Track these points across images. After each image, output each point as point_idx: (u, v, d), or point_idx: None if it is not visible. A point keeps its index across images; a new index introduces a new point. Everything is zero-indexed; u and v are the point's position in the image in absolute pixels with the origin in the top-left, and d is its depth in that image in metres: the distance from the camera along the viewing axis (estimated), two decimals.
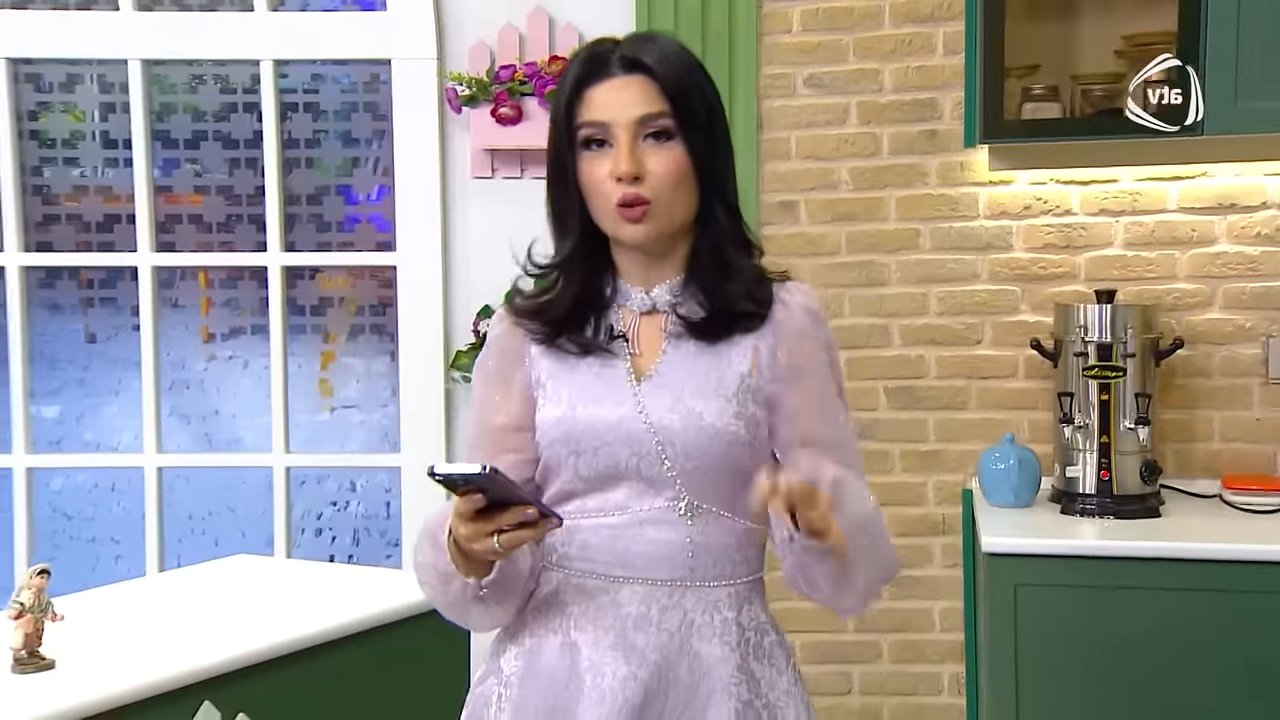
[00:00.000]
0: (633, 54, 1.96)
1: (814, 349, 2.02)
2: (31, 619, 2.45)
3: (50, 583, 2.53)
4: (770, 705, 1.98)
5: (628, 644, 1.95)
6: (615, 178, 1.93)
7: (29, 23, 4.08)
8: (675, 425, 1.95)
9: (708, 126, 1.97)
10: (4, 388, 4.19)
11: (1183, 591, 3.12)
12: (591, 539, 1.99)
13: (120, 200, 4.16)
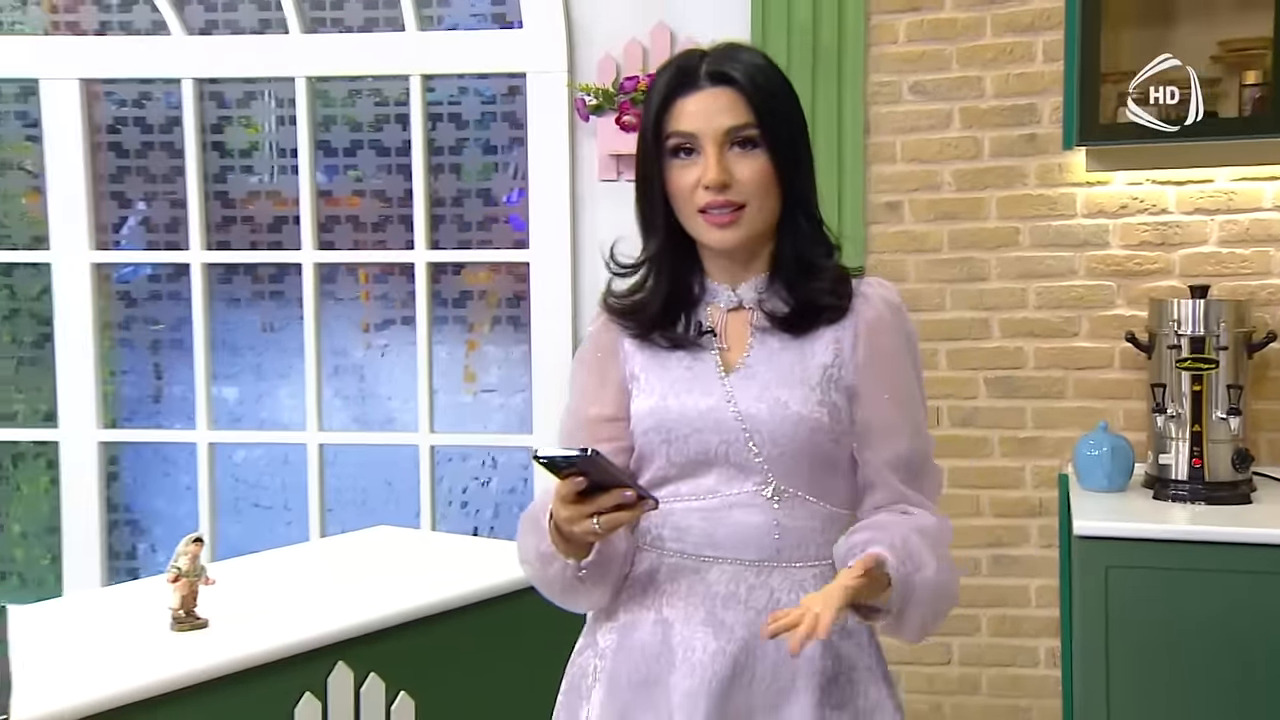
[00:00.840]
0: (719, 67, 1.90)
1: (893, 340, 1.95)
2: (187, 582, 2.50)
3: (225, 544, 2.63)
4: (853, 681, 1.93)
5: (717, 620, 1.91)
6: (704, 186, 1.88)
7: (212, 46, 4.15)
8: (762, 413, 1.91)
9: (790, 136, 1.92)
10: (189, 371, 4.24)
11: (1272, 575, 2.98)
12: (683, 521, 1.95)
13: (288, 204, 4.22)
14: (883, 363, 1.93)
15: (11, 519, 4.49)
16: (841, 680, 1.92)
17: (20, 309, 4.39)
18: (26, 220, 4.36)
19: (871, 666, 1.95)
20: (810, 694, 1.89)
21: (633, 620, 1.98)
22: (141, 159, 4.27)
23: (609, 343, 2.04)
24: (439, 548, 3.31)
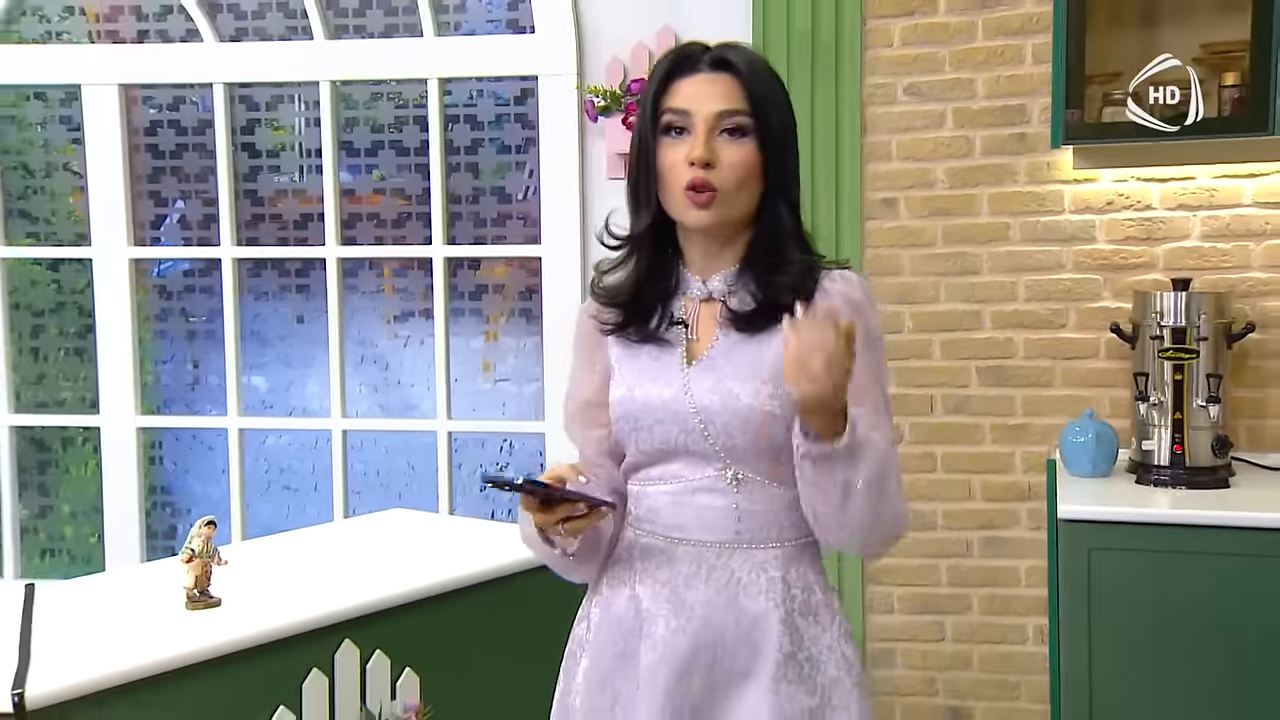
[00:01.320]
0: (723, 55, 1.91)
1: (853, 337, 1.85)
2: (200, 563, 2.51)
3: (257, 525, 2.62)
4: (813, 658, 1.91)
5: (679, 599, 1.93)
6: (689, 162, 1.87)
7: (242, 53, 4.15)
8: (715, 405, 1.90)
9: (779, 132, 1.91)
10: (222, 361, 4.24)
11: (1250, 558, 2.98)
12: (654, 504, 1.97)
13: (313, 201, 4.22)
14: None
15: (61, 499, 4.50)
16: (800, 658, 1.90)
17: (66, 302, 4.40)
18: (72, 219, 4.37)
19: (833, 645, 1.93)
20: (769, 671, 1.88)
21: (612, 595, 1.99)
22: (176, 160, 4.28)
23: (593, 332, 2.04)
24: (451, 530, 3.29)
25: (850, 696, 1.91)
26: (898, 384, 3.66)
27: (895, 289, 3.66)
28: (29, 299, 4.42)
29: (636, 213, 1.97)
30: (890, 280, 3.66)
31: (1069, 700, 3.08)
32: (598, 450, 2.03)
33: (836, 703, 1.91)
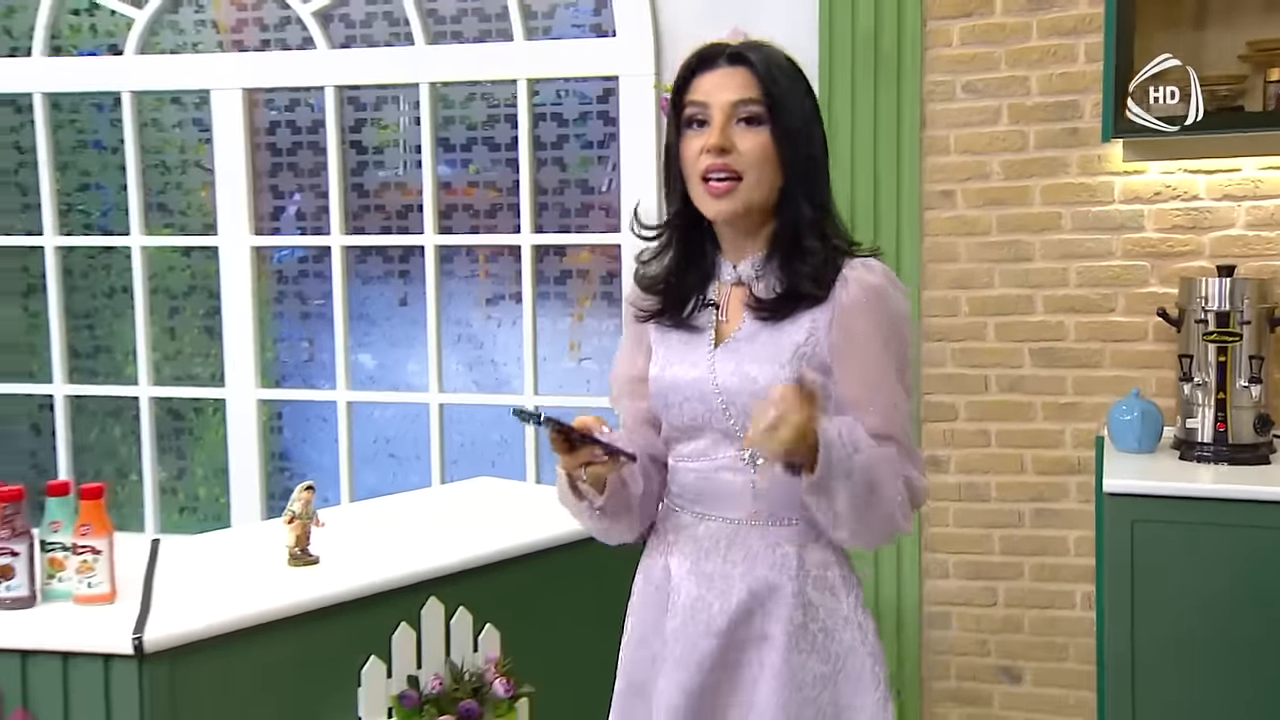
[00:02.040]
0: (738, 51, 1.89)
1: (866, 322, 1.87)
2: (300, 524, 2.57)
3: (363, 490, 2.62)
4: (827, 629, 1.91)
5: (700, 570, 1.93)
6: (705, 150, 1.84)
7: (351, 59, 4.17)
8: (734, 386, 1.88)
9: (797, 123, 1.87)
10: (331, 340, 4.28)
11: None
12: (684, 480, 1.97)
13: (413, 194, 4.24)
14: (853, 344, 1.86)
15: (194, 463, 4.60)
16: (813, 629, 1.89)
17: (197, 286, 4.48)
18: (201, 211, 4.43)
19: (849, 616, 1.92)
20: (782, 640, 1.88)
21: (650, 564, 2.01)
22: (292, 157, 4.33)
23: (634, 319, 2.05)
24: (534, 497, 3.29)
25: (864, 664, 1.91)
26: (956, 364, 3.65)
27: (952, 275, 3.63)
28: (166, 283, 4.50)
29: (669, 203, 1.97)
30: (948, 267, 3.63)
31: (1113, 661, 3.05)
32: (640, 421, 2.02)
33: (850, 670, 1.90)
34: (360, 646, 2.40)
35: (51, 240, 4.46)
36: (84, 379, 4.56)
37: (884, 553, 3.70)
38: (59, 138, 4.47)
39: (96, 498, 2.30)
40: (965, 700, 3.73)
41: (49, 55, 4.38)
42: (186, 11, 4.33)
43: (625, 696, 2.00)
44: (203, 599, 2.35)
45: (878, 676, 1.91)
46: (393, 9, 4.13)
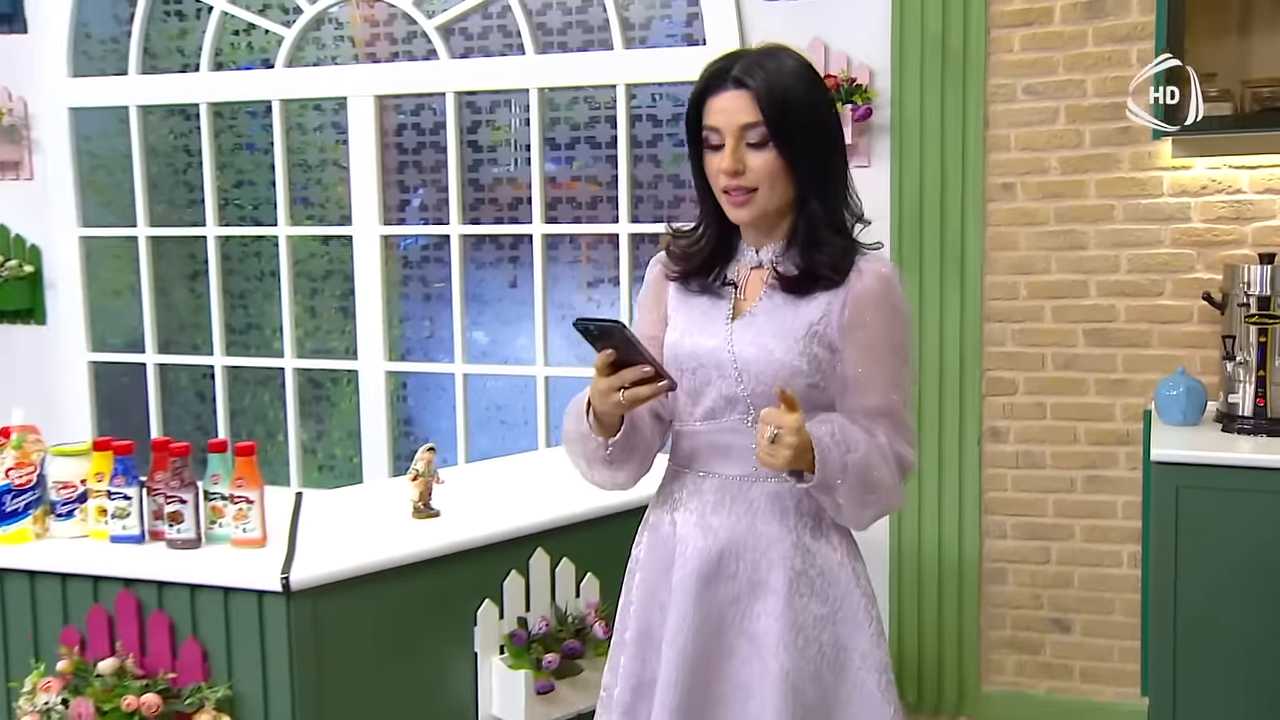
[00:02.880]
0: (742, 74, 1.85)
1: (875, 310, 1.88)
2: (423, 481, 2.60)
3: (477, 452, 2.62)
4: (824, 573, 1.92)
5: (705, 524, 1.94)
6: (723, 171, 1.86)
7: (469, 67, 4.20)
8: (751, 355, 1.88)
9: (803, 136, 1.86)
10: (449, 318, 4.33)
11: None
12: (691, 441, 1.97)
13: (523, 188, 4.24)
14: (862, 328, 1.87)
15: (331, 426, 4.65)
16: (812, 574, 1.90)
17: (334, 270, 4.53)
18: (338, 204, 4.48)
19: (843, 562, 1.93)
20: (784, 585, 1.89)
21: (657, 521, 2.02)
22: (416, 155, 4.35)
23: (658, 279, 2.04)
24: None
25: (859, 605, 1.92)
26: (1015, 343, 3.63)
27: (1012, 261, 3.60)
28: (307, 268, 4.56)
29: (700, 203, 1.98)
30: (1008, 254, 3.60)
31: (1157, 616, 3.04)
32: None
33: (847, 610, 1.92)
34: (476, 591, 2.44)
35: (212, 231, 4.56)
36: (238, 352, 4.63)
37: (947, 515, 3.69)
38: (220, 142, 4.55)
39: (249, 455, 2.34)
40: (1020, 648, 3.72)
41: (212, 70, 4.47)
42: (327, 29, 4.39)
43: (637, 643, 1.99)
44: (340, 545, 2.39)
45: (871, 615, 1.93)
46: (506, 23, 4.14)
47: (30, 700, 2.23)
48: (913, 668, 3.79)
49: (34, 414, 2.55)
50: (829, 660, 1.90)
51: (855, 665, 1.91)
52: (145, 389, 4.73)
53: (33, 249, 4.71)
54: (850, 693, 1.91)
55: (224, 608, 2.23)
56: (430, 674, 2.40)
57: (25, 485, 2.39)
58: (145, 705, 2.17)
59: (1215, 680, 2.99)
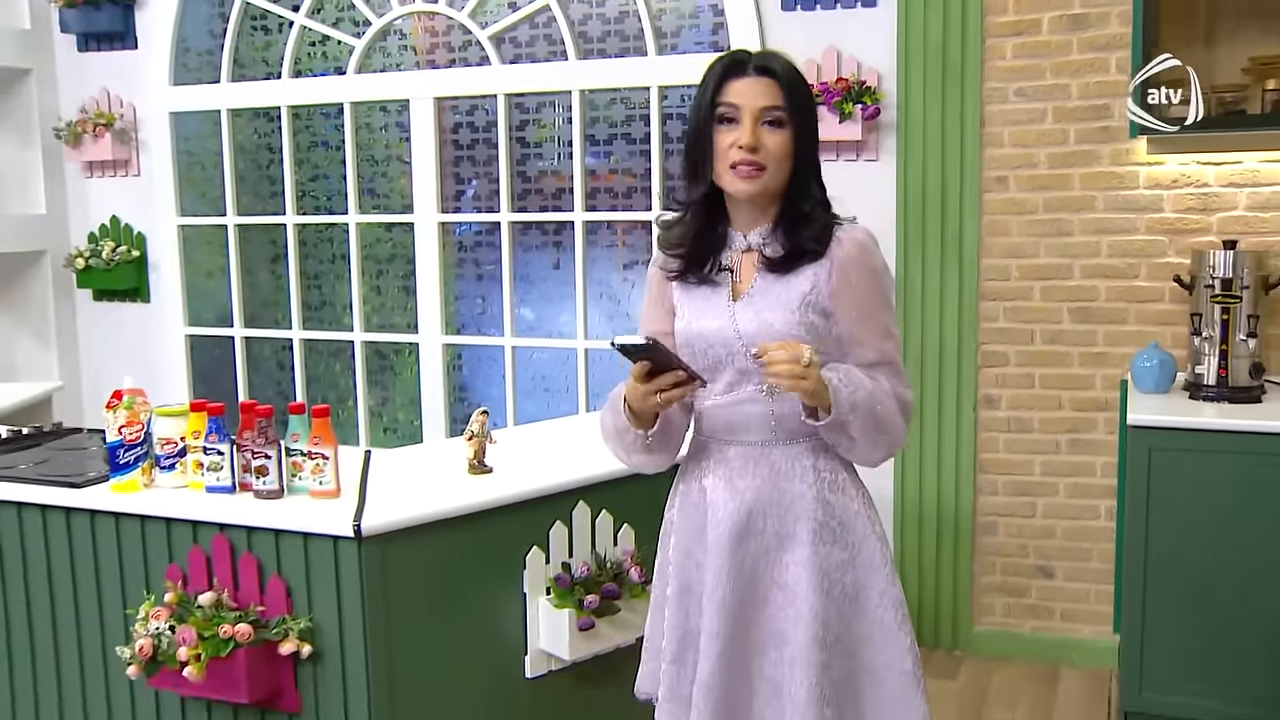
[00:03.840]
0: (765, 63, 1.87)
1: (859, 272, 1.88)
2: (477, 441, 2.56)
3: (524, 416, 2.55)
4: (844, 522, 1.93)
5: (733, 486, 1.94)
6: (739, 146, 1.84)
7: (518, 72, 4.20)
8: (754, 331, 1.88)
9: (809, 123, 1.89)
10: (499, 296, 4.34)
11: (1276, 457, 2.91)
12: (713, 414, 1.96)
13: (565, 179, 4.24)
14: (849, 290, 1.87)
15: (395, 393, 4.66)
16: (833, 524, 1.91)
17: (397, 254, 4.53)
18: (401, 194, 4.48)
19: (860, 511, 1.94)
20: (808, 536, 1.90)
21: (688, 488, 2.01)
22: (471, 150, 4.35)
23: (659, 280, 2.01)
24: None
25: (875, 548, 1.93)
26: (1006, 320, 3.62)
27: (1005, 246, 3.60)
28: (374, 252, 4.55)
29: (693, 183, 1.92)
30: (1001, 239, 3.61)
31: (1129, 563, 3.06)
32: None
33: (864, 554, 1.93)
34: (524, 539, 2.42)
35: (291, 219, 4.60)
36: (313, 326, 4.67)
37: (945, 473, 3.71)
38: (298, 140, 4.59)
39: (324, 416, 2.32)
40: (1008, 592, 3.74)
41: (292, 77, 4.51)
42: (392, 40, 4.40)
43: (678, 597, 1.98)
44: (404, 497, 2.37)
45: (886, 557, 1.93)
46: (551, 32, 4.14)
47: (144, 625, 2.25)
48: (913, 608, 3.75)
49: (140, 380, 2.56)
50: (850, 599, 1.91)
51: (874, 603, 1.92)
52: (233, 359, 4.79)
53: (139, 236, 4.78)
54: (871, 628, 1.92)
55: (304, 550, 2.23)
56: (484, 611, 2.39)
57: (135, 441, 2.40)
58: (239, 633, 2.18)
59: (1178, 618, 3.03)
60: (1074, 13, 3.47)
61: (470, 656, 2.37)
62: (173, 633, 2.21)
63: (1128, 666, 3.10)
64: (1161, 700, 3.08)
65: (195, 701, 2.37)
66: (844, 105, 3.61)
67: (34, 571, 2.53)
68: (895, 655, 1.92)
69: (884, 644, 1.92)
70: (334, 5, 4.46)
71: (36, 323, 4.87)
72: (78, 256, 4.76)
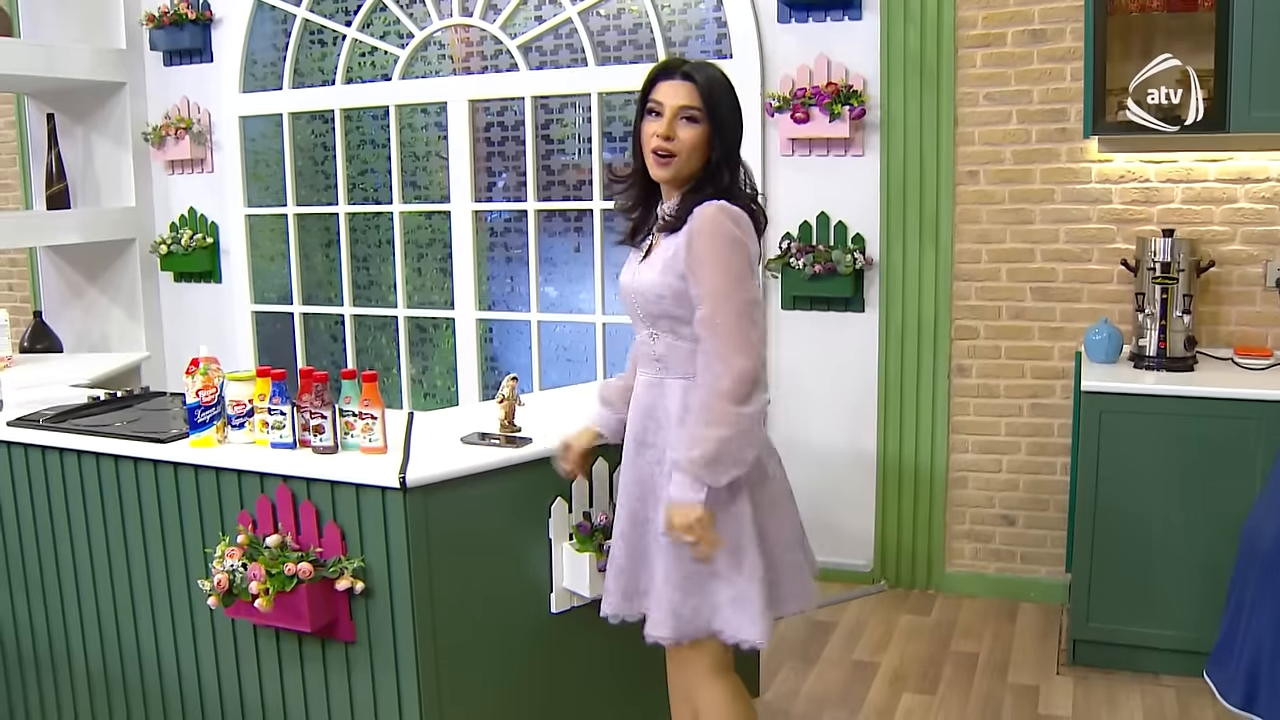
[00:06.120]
0: (688, 70, 1.98)
1: (700, 239, 1.93)
2: (508, 404, 2.54)
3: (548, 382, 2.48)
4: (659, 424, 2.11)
5: (637, 410, 2.13)
6: (656, 135, 1.97)
7: (543, 77, 4.19)
8: (640, 287, 2.04)
9: (725, 122, 1.97)
10: (527, 276, 4.32)
11: (1208, 417, 2.97)
12: (636, 355, 2.15)
13: (585, 173, 4.22)
14: (691, 254, 1.93)
15: (434, 362, 4.65)
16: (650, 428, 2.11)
17: (436, 239, 4.52)
18: (439, 186, 4.46)
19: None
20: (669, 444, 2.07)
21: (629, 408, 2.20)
22: (501, 147, 4.35)
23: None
24: None
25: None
26: (977, 298, 3.65)
27: (976, 233, 3.63)
28: (415, 237, 4.54)
29: (636, 161, 2.07)
30: (973, 227, 3.63)
31: (1081, 511, 3.12)
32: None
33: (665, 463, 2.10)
34: (550, 490, 2.41)
35: (343, 209, 4.61)
36: (362, 304, 4.67)
37: (923, 434, 3.73)
38: (349, 139, 4.58)
39: (373, 382, 2.31)
40: (975, 538, 3.78)
41: (345, 84, 4.52)
42: (432, 49, 4.40)
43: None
44: (443, 454, 2.36)
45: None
46: (573, 41, 4.14)
47: (220, 563, 2.28)
48: (893, 553, 3.86)
49: (212, 350, 2.55)
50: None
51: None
52: (292, 332, 4.81)
53: (212, 225, 4.84)
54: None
55: (356, 500, 2.23)
56: (514, 554, 2.39)
57: (210, 403, 2.42)
58: (301, 571, 2.20)
59: (1121, 558, 3.08)
60: (1034, 28, 3.48)
61: (502, 594, 2.38)
62: (245, 570, 2.25)
63: (1077, 601, 3.16)
64: (1105, 629, 3.14)
65: (265, 630, 2.41)
66: (833, 106, 3.63)
67: (129, 514, 2.59)
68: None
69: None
70: (381, 20, 4.48)
71: (127, 301, 4.96)
72: (161, 243, 4.83)
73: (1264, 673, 1.75)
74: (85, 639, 2.75)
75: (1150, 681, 3.12)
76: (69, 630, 2.77)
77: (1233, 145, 3.25)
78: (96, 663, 2.75)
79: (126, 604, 2.66)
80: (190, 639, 2.57)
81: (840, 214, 3.77)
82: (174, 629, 2.60)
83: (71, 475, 2.65)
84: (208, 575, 2.35)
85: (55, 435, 2.65)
